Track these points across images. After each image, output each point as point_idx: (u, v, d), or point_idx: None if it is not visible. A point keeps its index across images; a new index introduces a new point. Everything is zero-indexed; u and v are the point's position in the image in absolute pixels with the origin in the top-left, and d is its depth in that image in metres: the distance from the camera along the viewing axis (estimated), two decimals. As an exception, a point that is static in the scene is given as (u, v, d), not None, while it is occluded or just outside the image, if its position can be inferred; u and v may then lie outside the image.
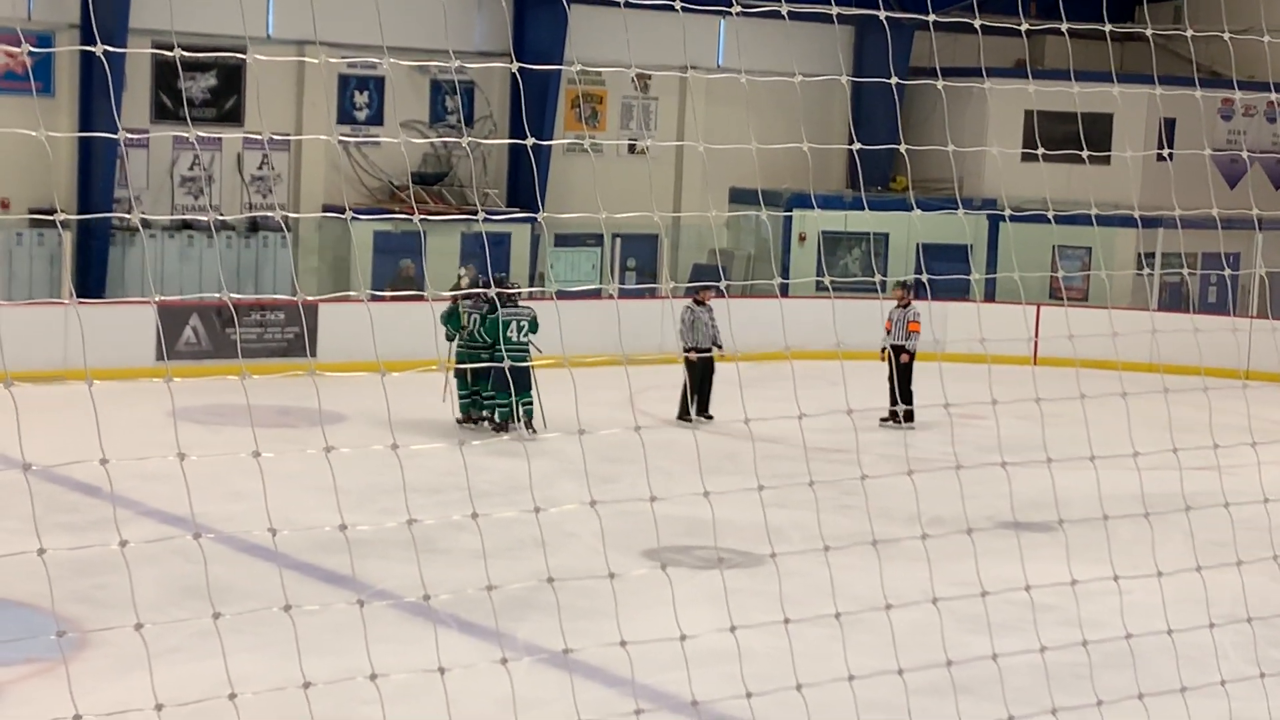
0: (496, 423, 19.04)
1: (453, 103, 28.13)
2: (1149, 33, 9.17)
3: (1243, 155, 29.77)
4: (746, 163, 26.58)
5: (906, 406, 18.69)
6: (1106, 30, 8.93)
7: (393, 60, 20.00)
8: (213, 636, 5.47)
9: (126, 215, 24.42)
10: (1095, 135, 27.97)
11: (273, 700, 5.61)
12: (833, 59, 27.89)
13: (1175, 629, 6.90)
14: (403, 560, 11.90)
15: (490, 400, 19.31)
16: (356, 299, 22.66)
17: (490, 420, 19.26)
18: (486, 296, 19.00)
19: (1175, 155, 26.51)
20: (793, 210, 28.96)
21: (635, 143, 29.88)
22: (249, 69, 25.57)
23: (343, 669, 5.90)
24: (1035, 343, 23.26)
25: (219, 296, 15.42)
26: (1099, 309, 25.34)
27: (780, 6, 5.92)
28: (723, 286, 21.89)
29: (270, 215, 25.93)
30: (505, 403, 18.70)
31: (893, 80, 7.13)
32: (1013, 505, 9.44)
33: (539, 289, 26.52)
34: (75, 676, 7.92)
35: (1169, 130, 28.81)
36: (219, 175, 26.43)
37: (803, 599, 7.44)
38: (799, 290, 27.83)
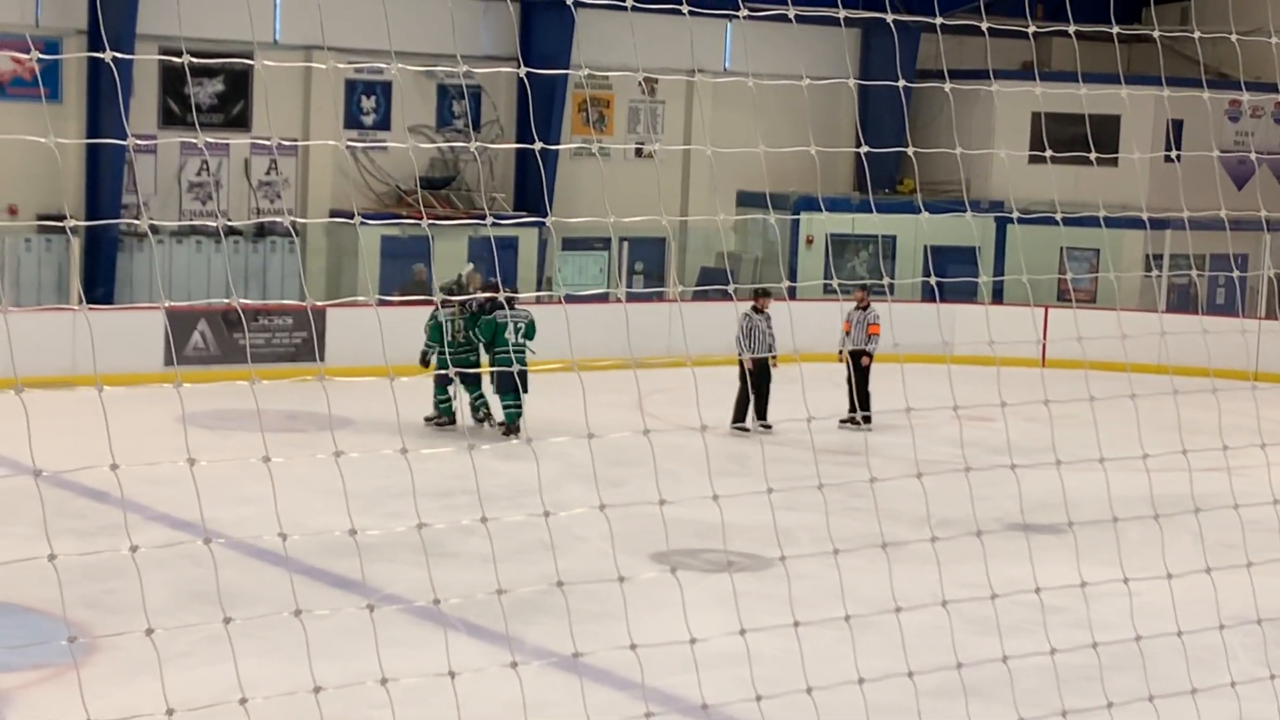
0: (507, 425, 19.01)
1: (460, 107, 28.15)
2: (1156, 34, 9.15)
3: (1250, 156, 29.73)
4: (753, 166, 26.57)
5: (864, 412, 18.69)
6: (1113, 32, 8.94)
7: (400, 65, 19.96)
8: (223, 641, 5.48)
9: (135, 221, 24.45)
10: (1102, 137, 28.01)
11: (283, 704, 5.62)
12: (839, 62, 27.90)
13: (1185, 630, 6.90)
14: (412, 564, 11.91)
15: (480, 402, 19.31)
16: (365, 303, 22.63)
17: (501, 424, 19.23)
18: (477, 301, 18.98)
19: (1183, 157, 26.46)
20: (800, 213, 28.99)
21: (642, 146, 29.88)
22: (256, 74, 25.60)
23: (353, 673, 5.91)
24: (1044, 344, 23.24)
25: (227, 302, 15.40)
26: (1107, 310, 25.28)
27: (787, 10, 5.94)
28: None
29: (278, 220, 25.96)
30: (513, 404, 18.62)
31: (900, 83, 7.16)
32: (1022, 507, 9.43)
33: (547, 293, 26.52)
34: (85, 681, 7.93)
35: (1176, 132, 28.77)
36: (227, 181, 26.44)
37: (812, 602, 7.43)
38: (807, 293, 27.82)
